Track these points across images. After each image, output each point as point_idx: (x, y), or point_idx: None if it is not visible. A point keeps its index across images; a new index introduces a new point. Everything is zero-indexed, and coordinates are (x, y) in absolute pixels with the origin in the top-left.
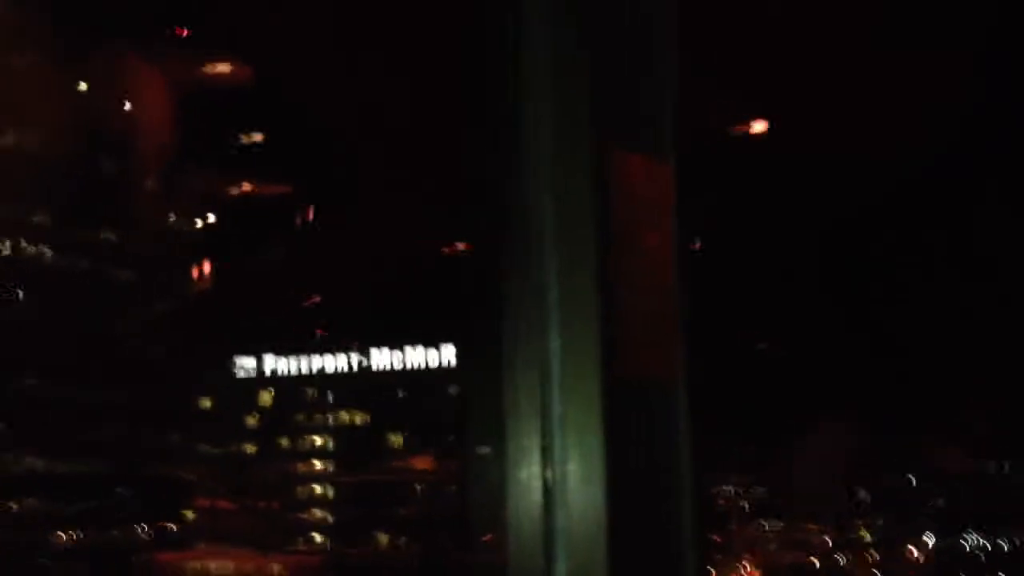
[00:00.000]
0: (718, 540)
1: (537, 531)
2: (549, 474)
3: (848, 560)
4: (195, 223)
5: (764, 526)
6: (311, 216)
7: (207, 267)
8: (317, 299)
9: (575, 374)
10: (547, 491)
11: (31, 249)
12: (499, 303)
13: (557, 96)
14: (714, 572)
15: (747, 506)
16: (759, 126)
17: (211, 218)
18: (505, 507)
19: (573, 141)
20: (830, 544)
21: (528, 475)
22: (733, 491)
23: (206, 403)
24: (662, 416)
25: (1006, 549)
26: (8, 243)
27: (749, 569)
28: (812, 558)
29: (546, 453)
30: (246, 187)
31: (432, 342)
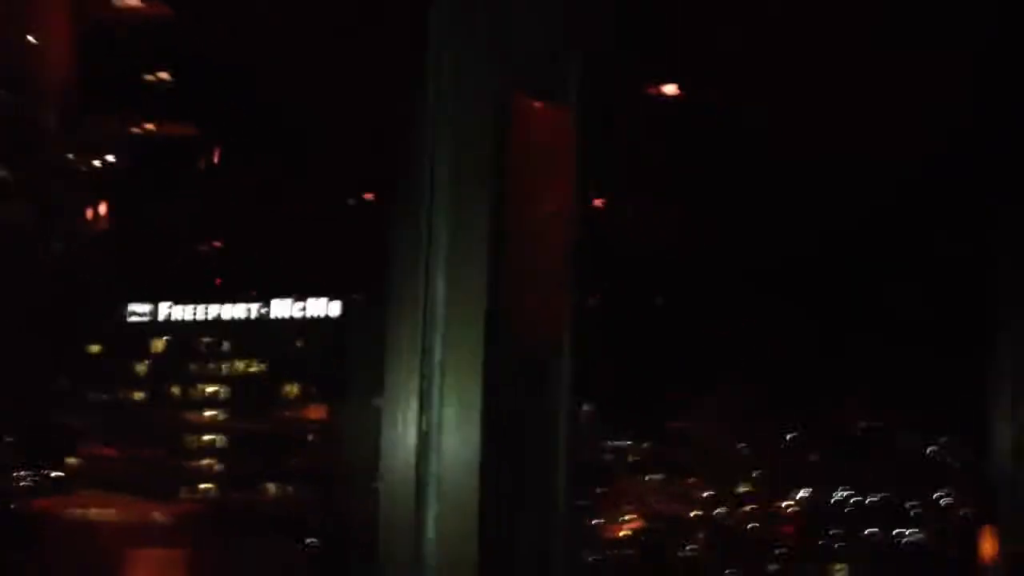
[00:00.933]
0: (603, 491)
1: (410, 475)
2: (425, 418)
3: (726, 511)
4: (94, 163)
5: (646, 479)
6: (216, 160)
7: (103, 209)
8: (217, 244)
9: (459, 319)
10: (422, 435)
11: None
12: (389, 245)
13: (459, 34)
14: (602, 520)
15: (632, 459)
16: (670, 88)
17: (111, 158)
18: (376, 452)
19: (474, 81)
20: (708, 496)
21: (404, 418)
22: (619, 445)
23: (95, 348)
24: (544, 366)
25: (868, 503)
26: None
27: (632, 519)
28: (691, 510)
29: (424, 397)
30: (149, 127)
31: (335, 293)
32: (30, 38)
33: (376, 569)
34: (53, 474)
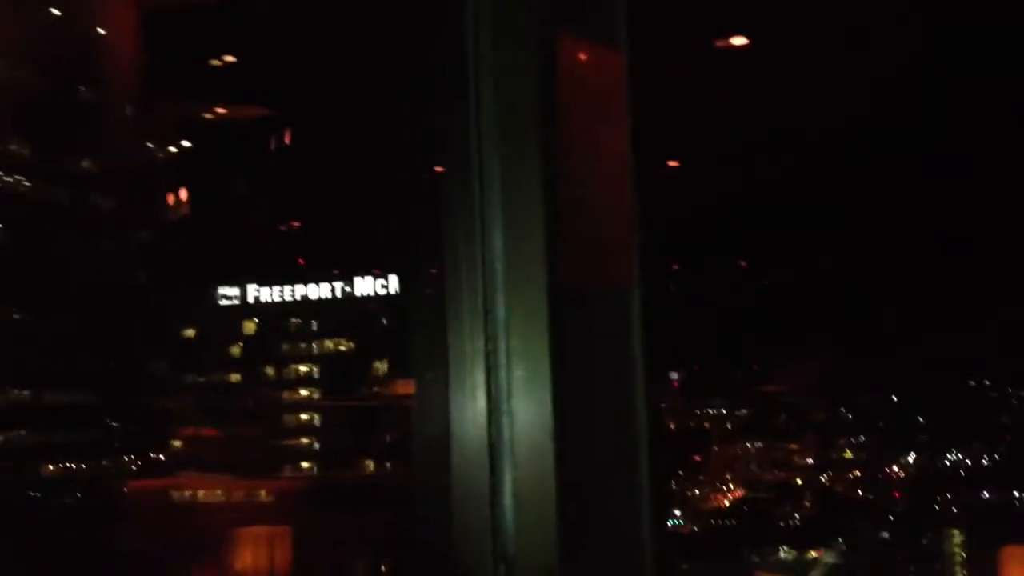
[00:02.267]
0: (698, 459)
1: (482, 442)
2: (493, 381)
3: (830, 478)
4: (170, 149)
5: (747, 446)
6: (288, 139)
7: (184, 194)
8: (296, 225)
9: (520, 276)
10: (491, 398)
11: (8, 179)
12: (439, 205)
13: None
14: (697, 490)
15: (730, 427)
16: (739, 40)
17: (185, 144)
18: (448, 420)
19: (517, 23)
20: (811, 463)
21: (471, 382)
22: (716, 412)
23: (189, 332)
24: (613, 322)
25: (985, 464)
26: None
27: (732, 487)
28: (795, 476)
29: (489, 358)
30: (220, 111)
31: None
32: (100, 31)
33: (452, 539)
34: (156, 456)
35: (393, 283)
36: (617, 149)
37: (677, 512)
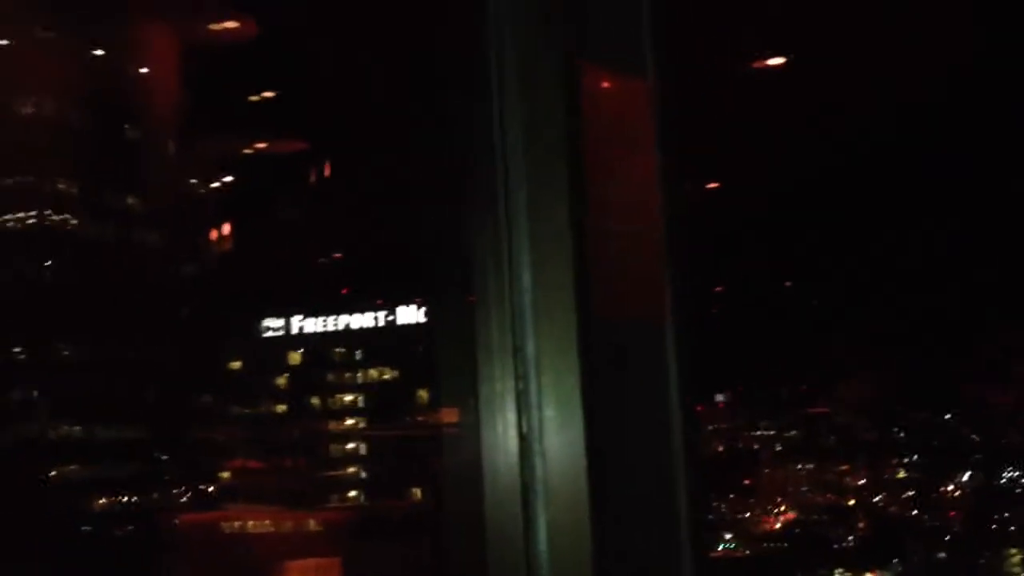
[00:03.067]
0: (748, 483)
1: (514, 482)
2: (524, 421)
3: (884, 499)
4: (212, 184)
5: (797, 468)
6: (328, 172)
7: (227, 228)
8: (338, 256)
9: (549, 311)
10: (523, 439)
11: (56, 217)
12: (466, 240)
13: (522, 6)
14: (748, 513)
15: (779, 449)
16: (776, 60)
17: (228, 178)
18: (480, 458)
19: (540, 58)
20: (864, 484)
21: (502, 422)
22: (765, 434)
23: (236, 364)
24: (647, 356)
25: None
26: (33, 212)
27: (784, 510)
28: (847, 498)
29: (520, 398)
30: (260, 145)
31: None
32: (143, 69)
33: None
34: (205, 488)
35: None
36: (645, 178)
37: (728, 536)
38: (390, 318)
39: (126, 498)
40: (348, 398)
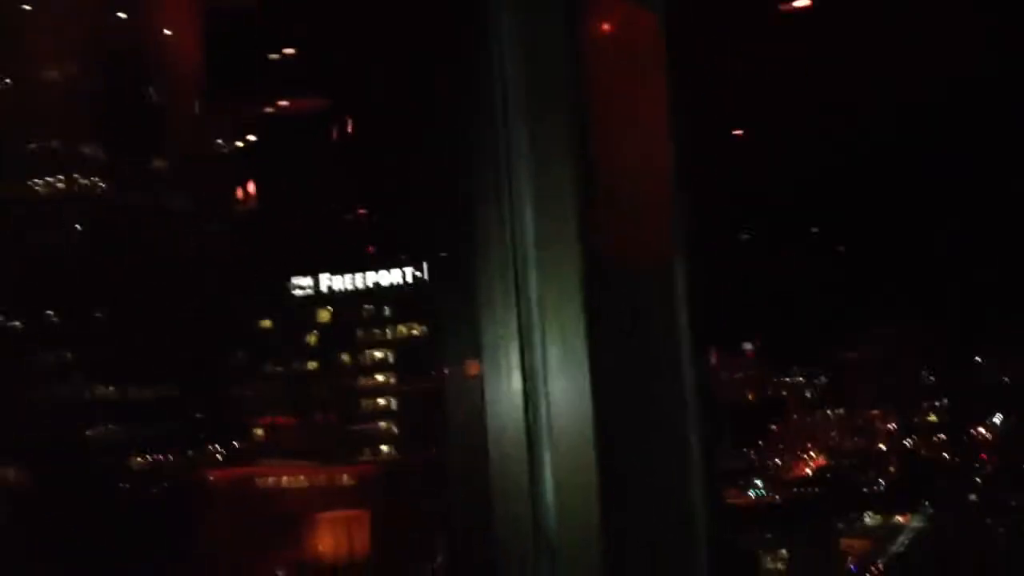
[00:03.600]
0: (776, 429)
1: (518, 424)
2: (528, 361)
3: (914, 442)
4: (236, 145)
5: (827, 414)
6: (349, 129)
7: (252, 188)
8: (363, 212)
9: (552, 252)
10: (526, 380)
11: (84, 181)
12: (467, 183)
13: None
14: (779, 460)
15: (809, 395)
16: (801, 2)
17: (251, 138)
18: (484, 404)
19: None
20: (894, 428)
21: (506, 364)
22: (794, 381)
23: (266, 323)
24: (655, 297)
25: None
26: (61, 177)
27: (814, 456)
28: (877, 442)
29: (524, 339)
30: (282, 104)
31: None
32: (166, 32)
33: (493, 526)
34: (238, 445)
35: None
36: (654, 115)
37: (759, 483)
38: (417, 274)
39: (162, 456)
40: (378, 354)
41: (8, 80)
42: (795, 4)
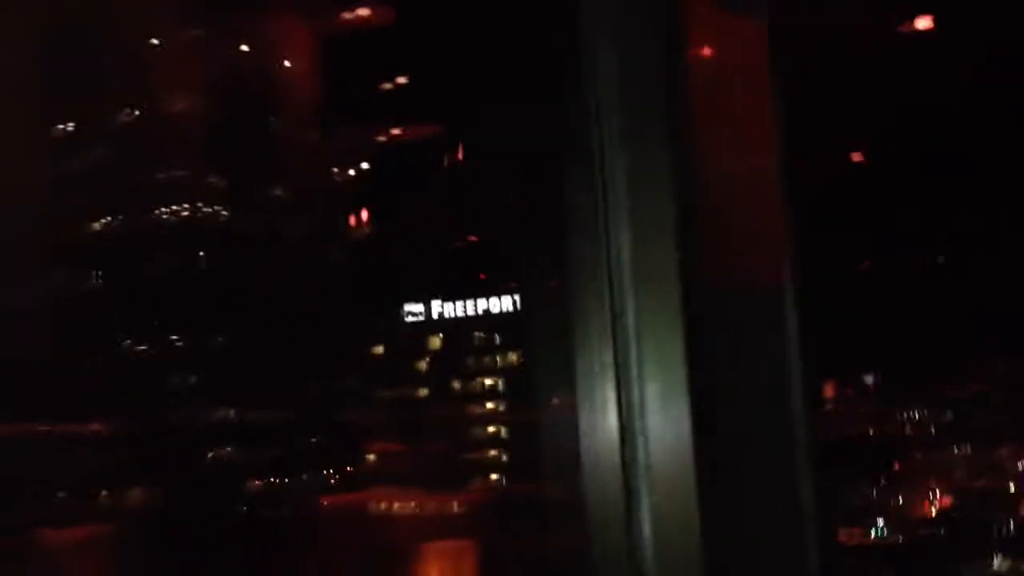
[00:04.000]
0: (898, 467)
1: (614, 463)
2: (624, 397)
3: None
4: (350, 172)
5: (952, 451)
6: (460, 156)
7: (365, 215)
8: (474, 240)
9: (650, 279)
10: (622, 416)
11: (208, 210)
12: (559, 201)
13: None
14: (901, 499)
15: (933, 431)
16: (924, 22)
17: (365, 166)
18: (578, 439)
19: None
20: None
21: (601, 398)
22: (916, 416)
23: (379, 349)
24: (762, 327)
25: None
26: (186, 205)
27: (938, 495)
28: (1007, 482)
29: (620, 372)
30: (395, 132)
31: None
32: (285, 63)
33: (589, 569)
34: (350, 470)
35: None
36: (762, 137)
37: (880, 521)
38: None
39: (279, 479)
40: (488, 381)
41: (137, 112)
42: (917, 26)
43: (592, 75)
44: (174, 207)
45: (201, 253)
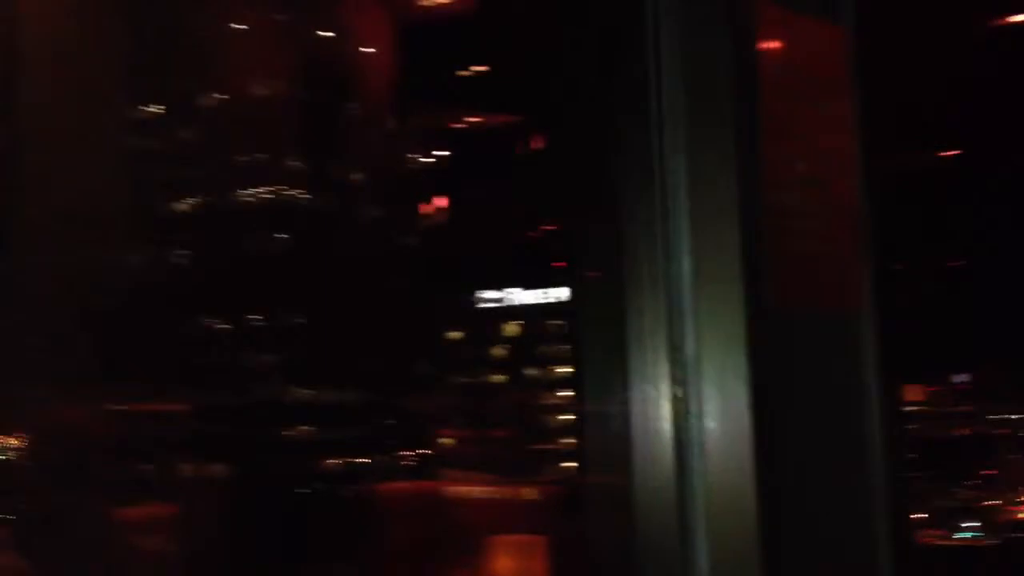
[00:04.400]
0: (991, 469)
1: (670, 499)
2: (682, 433)
3: None
4: (425, 159)
5: None
6: (535, 145)
7: (441, 201)
8: (551, 228)
9: (713, 302)
10: (680, 451)
11: (288, 193)
12: (615, 215)
13: None
14: (996, 501)
15: None
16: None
17: (440, 152)
18: (629, 469)
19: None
20: None
21: (656, 431)
22: (1011, 418)
23: (455, 335)
24: (835, 357)
25: None
26: (270, 188)
27: None
28: None
29: (678, 404)
30: (471, 119)
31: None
32: (364, 49)
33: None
34: (423, 454)
35: None
36: (838, 140)
37: (970, 524)
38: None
39: (353, 459)
40: (561, 370)
41: (223, 96)
42: (1012, 19)
43: (656, 81)
44: (257, 189)
45: (282, 235)
